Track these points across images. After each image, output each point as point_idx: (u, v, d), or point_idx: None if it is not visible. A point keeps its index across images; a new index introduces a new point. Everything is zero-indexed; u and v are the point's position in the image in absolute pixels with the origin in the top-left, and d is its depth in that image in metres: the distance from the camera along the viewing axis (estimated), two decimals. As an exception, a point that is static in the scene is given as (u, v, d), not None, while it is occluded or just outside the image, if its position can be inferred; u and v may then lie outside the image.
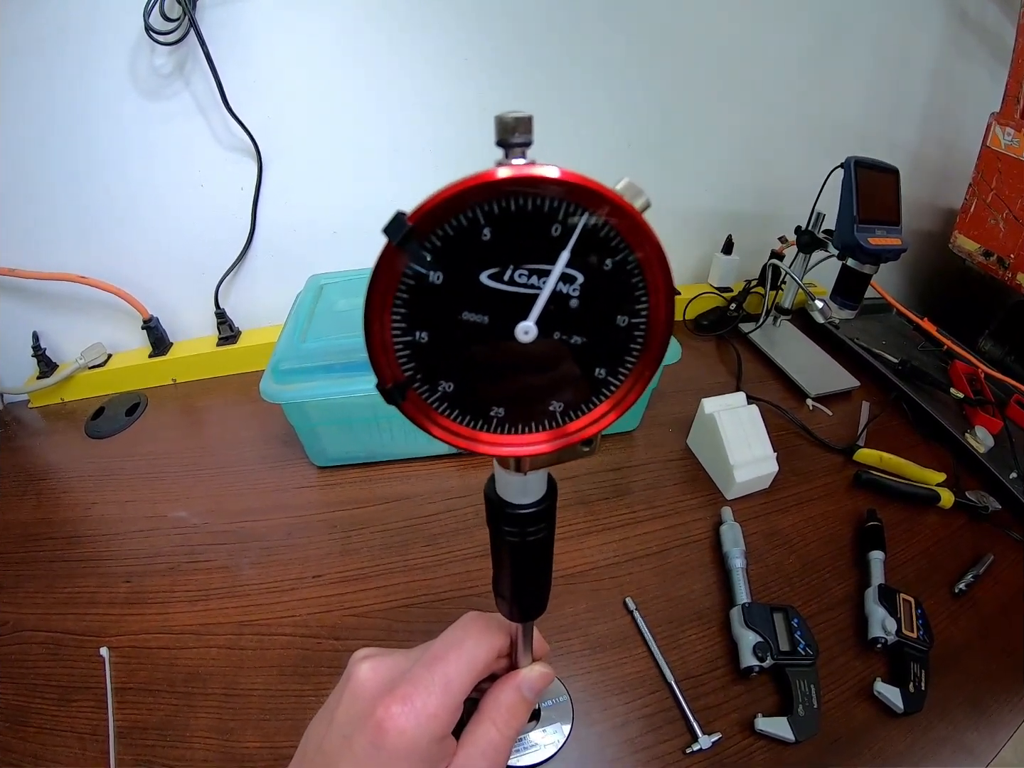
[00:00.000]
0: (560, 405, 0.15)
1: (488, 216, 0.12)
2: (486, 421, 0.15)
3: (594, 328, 0.14)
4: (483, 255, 0.13)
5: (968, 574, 0.44)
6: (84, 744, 0.33)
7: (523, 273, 0.13)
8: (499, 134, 0.12)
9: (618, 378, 0.15)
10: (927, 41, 0.73)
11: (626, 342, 0.14)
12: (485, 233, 0.12)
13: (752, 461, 0.48)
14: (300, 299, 0.52)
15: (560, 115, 0.63)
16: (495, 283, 0.13)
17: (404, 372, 0.14)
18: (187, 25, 0.47)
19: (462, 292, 0.13)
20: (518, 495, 0.18)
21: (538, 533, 0.19)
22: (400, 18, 0.53)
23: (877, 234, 0.55)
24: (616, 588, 0.41)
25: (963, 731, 0.36)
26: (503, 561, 0.20)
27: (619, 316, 0.14)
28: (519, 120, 0.12)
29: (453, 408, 0.15)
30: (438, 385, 0.14)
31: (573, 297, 0.13)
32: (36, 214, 0.54)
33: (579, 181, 0.12)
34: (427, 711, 0.18)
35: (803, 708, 0.34)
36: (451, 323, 0.13)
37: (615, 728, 0.34)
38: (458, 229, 0.12)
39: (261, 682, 0.36)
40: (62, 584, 0.42)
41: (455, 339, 0.14)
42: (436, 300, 0.13)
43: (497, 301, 0.13)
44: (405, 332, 0.13)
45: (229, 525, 0.46)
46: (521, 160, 0.12)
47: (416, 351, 0.14)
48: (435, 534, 0.45)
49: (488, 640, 0.21)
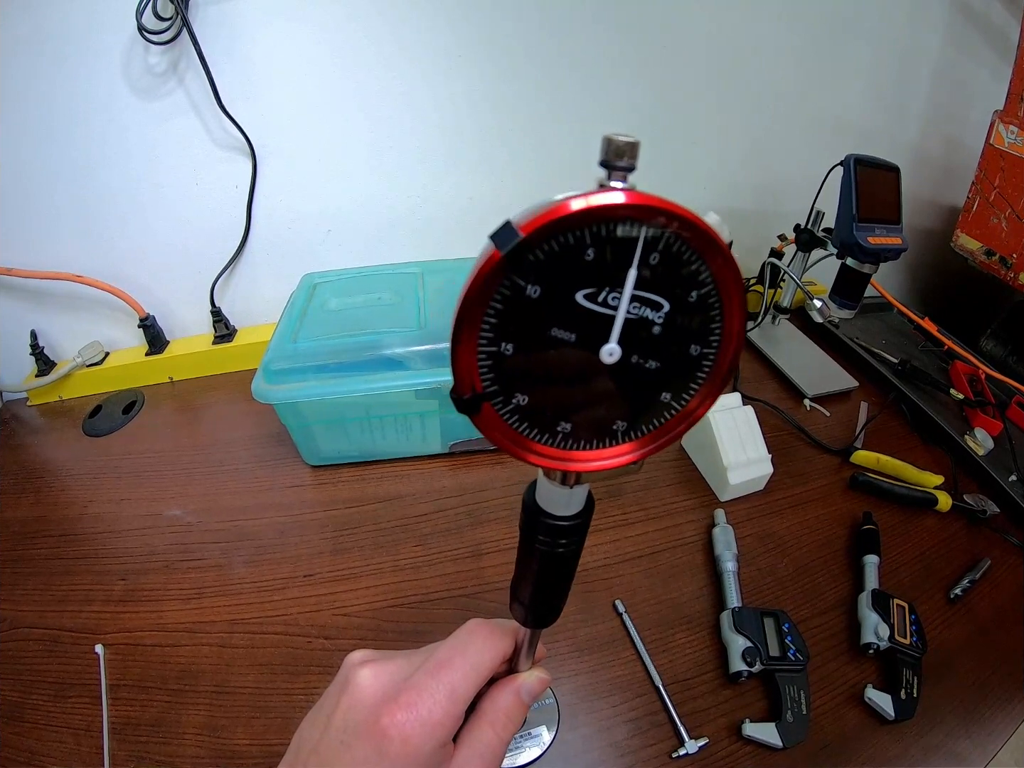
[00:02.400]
0: (623, 424, 0.15)
1: (595, 237, 0.12)
2: (552, 435, 0.15)
3: (669, 355, 0.14)
4: (583, 275, 0.13)
5: (964, 579, 0.44)
6: (79, 740, 0.33)
7: (616, 296, 0.13)
8: (604, 155, 0.12)
9: (680, 403, 0.15)
10: (930, 37, 0.72)
11: (694, 370, 0.15)
12: (589, 253, 0.13)
13: (746, 463, 0.48)
14: (293, 298, 0.52)
15: (555, 112, 0.63)
16: (589, 303, 0.13)
17: (483, 383, 0.14)
18: (180, 24, 0.47)
19: (556, 308, 0.13)
20: (560, 507, 0.18)
21: (570, 546, 0.19)
22: (392, 17, 0.53)
23: (877, 233, 0.54)
24: (606, 590, 0.41)
25: (955, 739, 0.35)
26: (529, 568, 0.20)
27: (693, 345, 0.14)
28: (629, 144, 0.12)
29: (523, 421, 0.15)
30: (513, 398, 0.14)
31: (657, 324, 0.14)
32: (33, 213, 0.54)
33: (690, 217, 0.13)
34: (433, 719, 0.18)
35: (792, 714, 0.34)
36: (539, 338, 0.14)
37: (601, 731, 0.34)
38: (564, 246, 0.12)
39: (252, 680, 0.36)
40: (59, 581, 0.42)
41: (540, 354, 0.14)
42: (529, 314, 0.13)
43: (587, 320, 0.13)
44: (491, 342, 0.13)
45: (223, 524, 0.46)
46: (621, 184, 0.13)
47: (498, 362, 0.14)
48: (426, 534, 0.45)
49: (493, 647, 0.21)
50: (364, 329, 0.46)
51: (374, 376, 0.44)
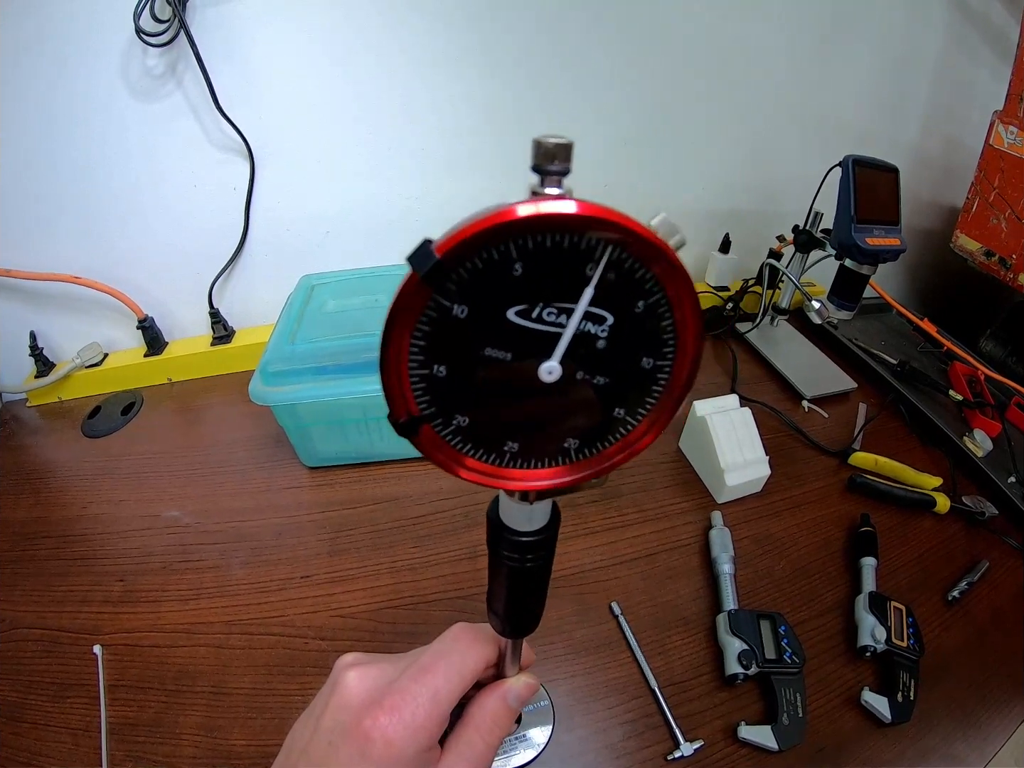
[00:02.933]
0: (575, 442, 0.15)
1: (521, 251, 0.12)
2: (499, 455, 0.15)
3: (618, 369, 0.14)
4: (512, 291, 0.12)
5: (962, 581, 0.44)
6: (77, 740, 0.34)
7: (552, 311, 0.12)
8: (536, 159, 0.12)
9: (636, 418, 0.15)
10: (930, 37, 0.72)
11: (648, 384, 0.14)
12: (516, 268, 0.12)
13: (744, 465, 0.48)
14: (291, 300, 0.52)
15: (554, 113, 0.63)
16: (522, 320, 0.12)
17: (419, 405, 0.13)
18: (177, 26, 0.47)
19: (487, 328, 0.13)
20: (522, 523, 0.18)
21: (537, 560, 0.19)
22: (390, 19, 0.53)
23: (875, 234, 0.54)
24: (602, 592, 0.41)
25: (952, 741, 0.35)
26: (499, 582, 0.20)
27: (645, 358, 0.14)
28: (560, 147, 0.11)
29: (466, 442, 0.14)
30: (453, 419, 0.14)
31: (601, 338, 0.13)
32: (32, 215, 0.54)
33: (619, 220, 0.12)
34: (415, 723, 0.18)
35: (788, 717, 0.34)
36: (472, 358, 0.13)
37: (596, 733, 0.34)
38: (488, 263, 0.12)
39: (249, 681, 0.36)
40: (58, 582, 0.42)
41: (475, 375, 0.13)
42: (458, 334, 0.13)
43: (522, 338, 0.13)
44: (422, 365, 0.13)
45: (221, 525, 0.46)
46: (556, 189, 0.12)
47: (433, 384, 0.13)
48: (423, 535, 0.45)
49: (477, 652, 0.21)
50: (362, 331, 0.46)
51: (372, 378, 0.44)
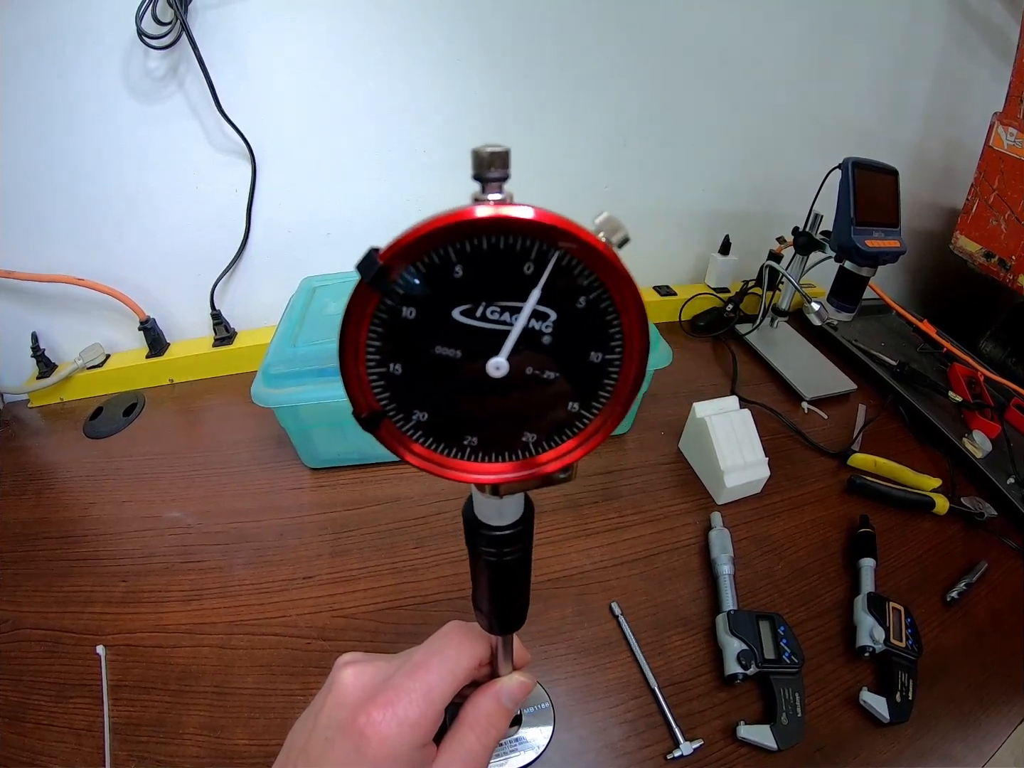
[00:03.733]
0: (533, 436, 0.15)
1: (460, 254, 0.12)
2: (460, 449, 0.15)
3: (567, 364, 0.14)
4: (455, 292, 0.13)
5: (961, 582, 0.44)
6: (80, 740, 0.34)
7: (495, 310, 0.13)
8: (475, 168, 0.12)
9: (592, 412, 0.15)
10: (930, 39, 0.72)
11: (600, 378, 0.14)
12: (457, 271, 0.13)
13: (743, 466, 0.48)
14: (292, 302, 0.52)
15: (554, 114, 0.63)
16: (467, 319, 0.13)
17: (379, 402, 0.14)
18: (179, 29, 0.47)
19: (434, 328, 0.13)
20: (494, 517, 0.18)
21: (514, 554, 0.19)
22: (391, 19, 0.53)
23: (875, 236, 0.54)
24: (602, 593, 0.42)
25: (950, 742, 0.36)
26: (480, 578, 0.21)
27: (593, 352, 0.14)
28: (495, 155, 0.12)
29: (428, 436, 0.15)
30: (412, 415, 0.15)
31: (546, 334, 0.14)
32: (34, 216, 0.54)
33: (554, 222, 0.12)
34: (409, 719, 0.19)
35: (787, 716, 0.34)
36: (424, 357, 0.14)
37: (596, 732, 0.34)
38: (430, 266, 0.13)
39: (251, 681, 0.36)
40: (60, 583, 0.42)
41: (428, 372, 0.14)
42: (409, 335, 0.13)
43: (470, 337, 0.13)
44: (380, 364, 0.14)
45: (223, 526, 0.46)
46: (497, 195, 0.12)
47: (391, 382, 0.14)
48: (424, 536, 0.45)
49: (469, 648, 0.21)
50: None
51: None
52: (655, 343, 0.50)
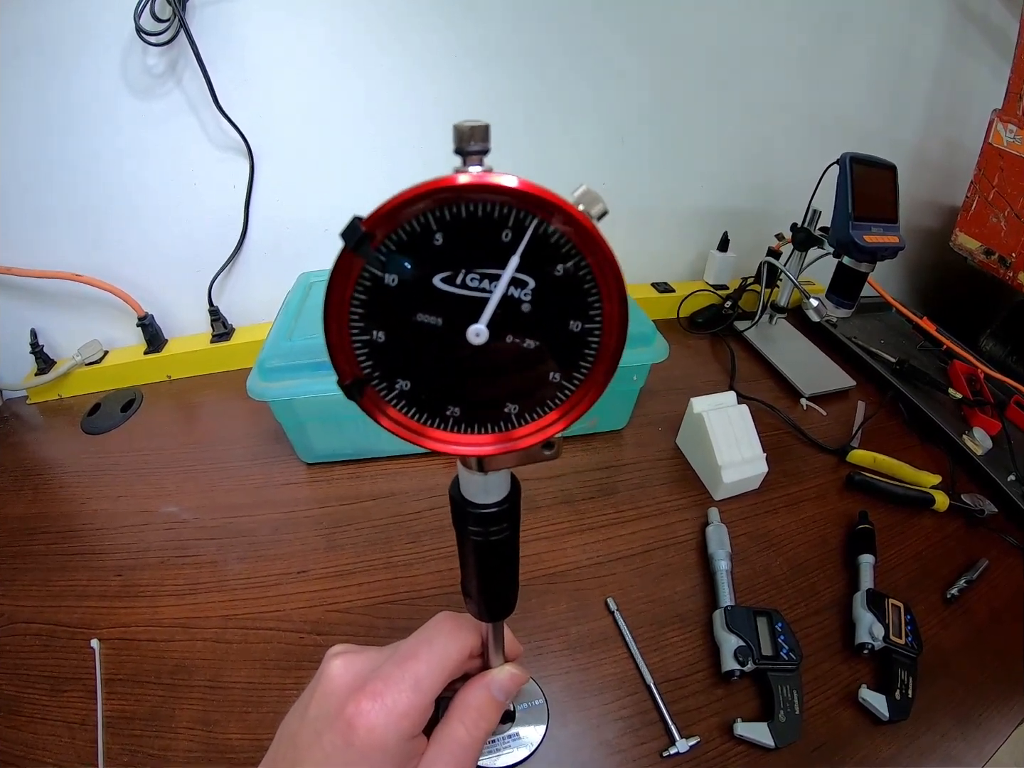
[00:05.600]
0: (515, 407, 0.15)
1: (440, 221, 0.13)
2: (443, 420, 0.15)
3: (547, 333, 0.14)
4: (436, 259, 0.13)
5: (961, 579, 0.44)
6: (73, 733, 0.34)
7: (475, 277, 0.13)
8: (456, 142, 0.13)
9: (573, 383, 0.15)
10: (929, 36, 0.72)
11: (580, 347, 0.14)
12: (437, 238, 0.13)
13: (741, 462, 0.48)
14: (289, 297, 0.52)
15: (553, 112, 0.63)
16: (448, 286, 0.13)
17: (363, 369, 0.14)
18: (177, 26, 0.47)
19: (416, 295, 0.13)
20: (480, 494, 0.18)
21: (501, 533, 0.19)
22: (389, 16, 0.53)
23: (873, 232, 0.54)
24: (598, 588, 0.41)
25: (950, 740, 0.35)
26: (468, 560, 0.21)
27: (572, 321, 0.14)
28: (475, 128, 0.13)
29: (411, 406, 0.15)
30: (396, 383, 0.15)
31: (525, 301, 0.14)
32: (32, 212, 0.54)
33: (528, 189, 0.12)
34: (397, 709, 0.19)
35: (784, 714, 0.34)
36: (406, 324, 0.14)
37: (591, 729, 0.34)
38: (411, 234, 0.13)
39: (244, 675, 0.36)
40: (56, 577, 0.42)
41: (410, 340, 0.14)
42: (391, 302, 0.13)
43: (450, 304, 0.13)
44: (363, 331, 0.14)
45: (218, 520, 0.46)
46: (478, 168, 0.13)
47: (374, 350, 0.14)
48: (419, 531, 0.45)
49: (459, 639, 0.21)
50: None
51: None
52: (651, 337, 0.50)
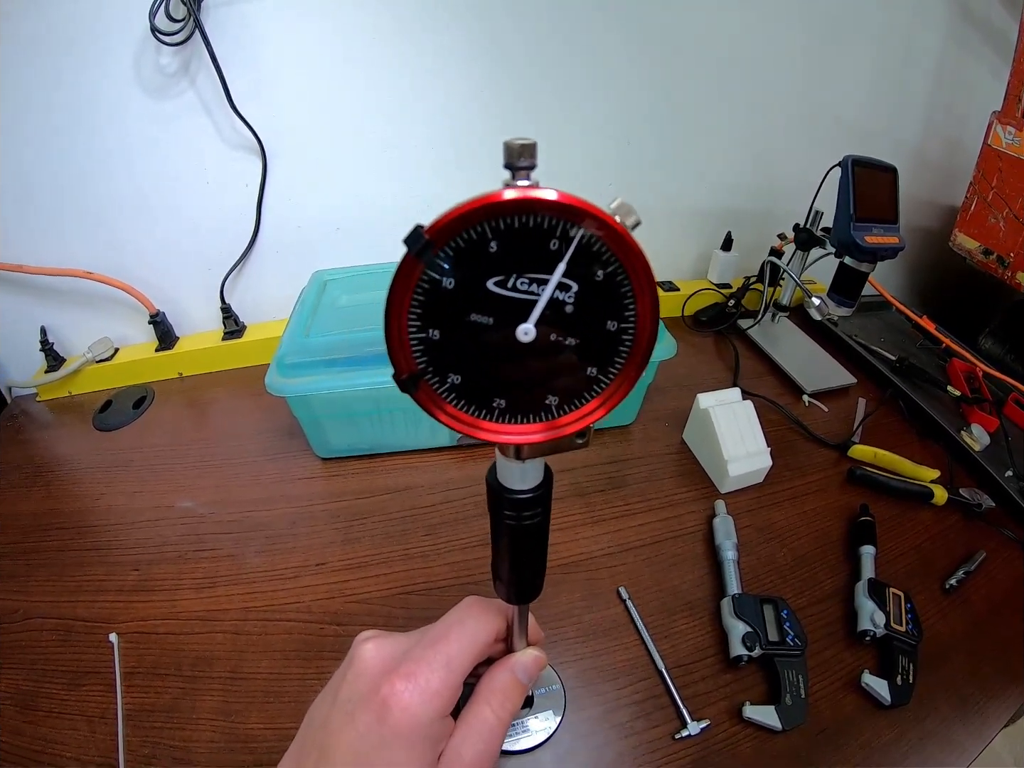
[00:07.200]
0: (555, 399, 0.17)
1: (495, 231, 0.14)
2: (489, 411, 0.16)
3: (586, 331, 0.16)
4: (490, 265, 0.14)
5: (960, 570, 0.45)
6: (93, 726, 0.34)
7: (525, 281, 0.15)
8: (507, 158, 0.14)
9: (608, 376, 0.16)
10: (930, 37, 0.73)
11: (615, 345, 0.16)
12: (492, 246, 0.14)
13: (746, 456, 0.49)
14: (304, 295, 0.53)
15: (560, 113, 0.64)
16: (500, 289, 0.15)
17: (418, 365, 0.16)
18: (192, 26, 0.48)
19: (471, 297, 0.15)
20: (516, 481, 0.19)
21: (534, 518, 0.20)
22: (405, 18, 0.54)
23: (874, 232, 0.55)
24: (610, 578, 0.42)
25: (950, 725, 0.36)
26: (502, 544, 0.22)
27: (609, 321, 0.16)
28: (525, 146, 0.14)
29: (460, 399, 0.16)
30: (447, 377, 0.16)
31: (568, 303, 0.15)
32: (43, 211, 0.54)
33: (575, 203, 0.14)
34: (431, 688, 0.19)
35: (791, 697, 0.35)
36: (460, 323, 0.15)
37: (606, 713, 0.35)
38: (468, 242, 0.14)
39: (265, 666, 0.37)
40: (72, 572, 0.43)
41: (463, 337, 0.15)
42: (448, 303, 0.15)
43: (501, 305, 0.15)
44: (420, 329, 0.15)
45: (235, 515, 0.47)
46: (525, 182, 0.14)
47: (429, 347, 0.15)
48: (435, 524, 0.46)
49: (487, 621, 0.22)
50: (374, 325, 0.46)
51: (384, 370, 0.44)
52: (660, 334, 0.51)
